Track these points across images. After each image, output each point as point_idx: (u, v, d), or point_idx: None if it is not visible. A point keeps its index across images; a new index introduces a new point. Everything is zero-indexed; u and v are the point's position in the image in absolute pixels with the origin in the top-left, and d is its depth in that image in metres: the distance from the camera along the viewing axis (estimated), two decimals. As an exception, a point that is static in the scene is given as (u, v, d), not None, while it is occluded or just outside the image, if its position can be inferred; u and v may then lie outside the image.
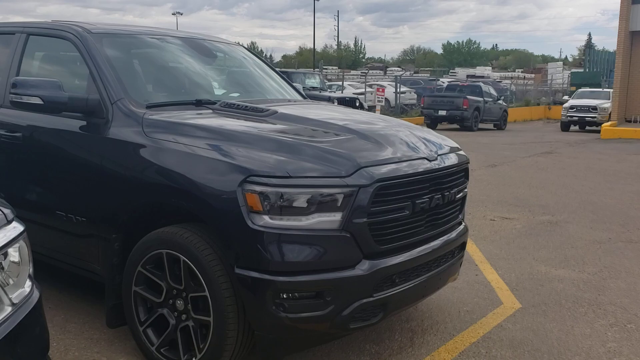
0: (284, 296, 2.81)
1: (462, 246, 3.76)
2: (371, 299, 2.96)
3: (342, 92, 23.69)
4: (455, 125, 22.83)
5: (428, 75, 51.19)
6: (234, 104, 3.54)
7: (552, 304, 4.40)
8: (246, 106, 3.51)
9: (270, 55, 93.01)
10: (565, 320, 4.11)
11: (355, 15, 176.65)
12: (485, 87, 24.73)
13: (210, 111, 3.55)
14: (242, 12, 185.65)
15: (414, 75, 49.30)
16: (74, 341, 3.57)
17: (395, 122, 3.72)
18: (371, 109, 20.18)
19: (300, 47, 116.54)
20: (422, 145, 3.36)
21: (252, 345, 3.01)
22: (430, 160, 3.27)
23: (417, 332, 3.84)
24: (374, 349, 3.56)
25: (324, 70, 44.82)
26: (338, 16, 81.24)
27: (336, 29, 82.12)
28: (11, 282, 1.85)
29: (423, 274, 3.28)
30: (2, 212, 1.86)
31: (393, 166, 3.05)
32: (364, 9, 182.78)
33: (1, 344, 1.71)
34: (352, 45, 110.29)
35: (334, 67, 66.48)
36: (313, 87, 16.93)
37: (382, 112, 26.06)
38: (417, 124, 3.91)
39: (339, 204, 2.84)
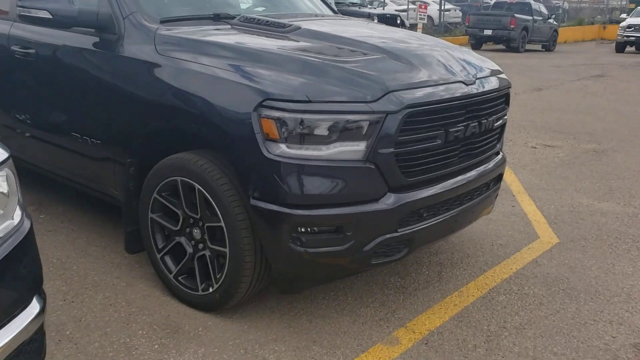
0: (302, 230, 2.64)
1: (499, 178, 3.50)
2: (396, 234, 2.77)
3: (383, 9, 22.77)
4: (500, 46, 21.81)
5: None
6: (254, 19, 3.26)
7: (592, 240, 4.15)
8: (267, 21, 3.23)
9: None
10: (605, 257, 3.88)
11: None
12: (535, 5, 23.34)
13: (229, 26, 3.28)
14: None
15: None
16: (94, 265, 3.52)
17: (432, 42, 3.40)
18: (413, 27, 19.34)
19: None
20: (459, 68, 3.05)
21: (269, 278, 2.89)
22: (467, 85, 2.97)
23: (446, 265, 3.66)
24: (399, 283, 3.41)
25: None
26: None
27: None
28: (-3, 213, 1.71)
29: (454, 207, 3.06)
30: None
31: (426, 90, 2.77)
32: None
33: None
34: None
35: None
36: (352, 3, 16.20)
37: (424, 31, 25.11)
38: (460, 44, 3.56)
39: (363, 132, 2.60)
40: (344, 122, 2.57)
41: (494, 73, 3.33)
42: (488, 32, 21.52)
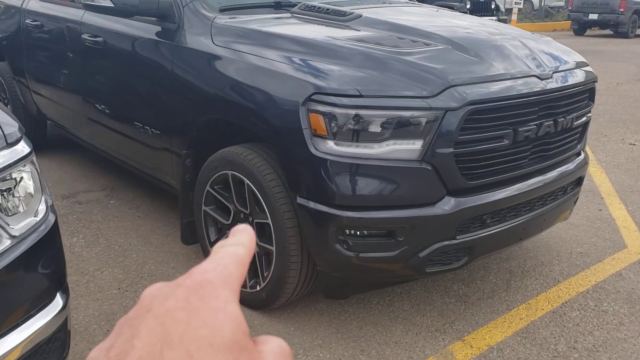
0: (350, 233, 2.48)
1: (579, 181, 3.17)
2: (454, 241, 2.55)
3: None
4: (607, 31, 20.36)
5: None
6: (315, 7, 3.11)
7: (690, 253, 3.70)
8: (327, 9, 3.07)
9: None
10: None
11: None
12: (649, -14, 21.60)
13: (289, 15, 3.15)
14: None
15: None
16: (154, 254, 3.53)
17: (507, 31, 3.10)
18: (509, 12, 18.41)
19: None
20: (535, 60, 2.76)
21: (317, 280, 2.76)
22: (542, 79, 2.68)
23: (516, 273, 3.38)
24: (461, 291, 3.18)
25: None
26: None
27: None
28: (19, 209, 1.68)
29: (523, 213, 2.79)
30: (2, 131, 1.66)
31: (492, 85, 2.52)
32: None
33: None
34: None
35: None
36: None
37: (522, 16, 23.89)
38: (562, 30, 3.22)
39: (420, 130, 2.40)
40: (398, 119, 2.38)
41: (577, 65, 3.00)
42: (593, 16, 20.12)
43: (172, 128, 3.21)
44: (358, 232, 2.49)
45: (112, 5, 3.13)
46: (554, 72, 2.76)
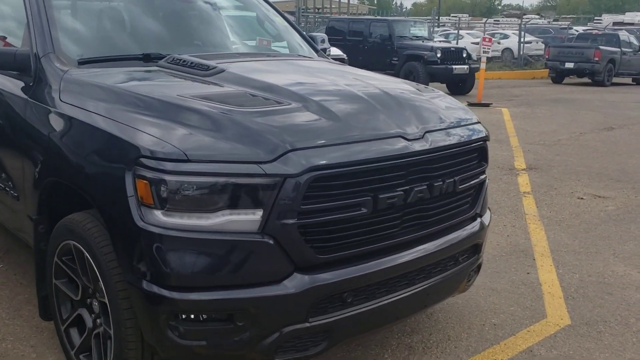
0: (182, 317, 2.15)
1: (475, 249, 2.87)
2: (306, 324, 2.22)
3: (457, 42, 22.07)
4: (585, 80, 20.43)
5: (568, 23, 46.58)
6: (181, 60, 2.86)
7: (614, 323, 3.37)
8: (192, 62, 2.81)
9: (401, 3, 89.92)
10: (625, 349, 3.11)
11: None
12: (624, 36, 21.79)
13: (156, 67, 2.90)
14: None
15: (553, 23, 45.06)
16: (18, 329, 3.18)
17: (386, 87, 2.80)
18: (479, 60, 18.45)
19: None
20: (404, 119, 2.50)
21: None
22: (408, 140, 2.40)
23: (416, 350, 3.04)
24: (346, 372, 2.83)
25: (454, 18, 42.39)
26: (472, -40, 75.92)
27: (469, -26, 76.90)
28: None
29: (399, 289, 2.48)
30: None
31: (342, 149, 2.24)
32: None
33: None
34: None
35: (465, 15, 62.86)
36: (416, 36, 15.61)
37: (502, 64, 24.07)
38: (540, 78, 2.93)
39: (256, 199, 2.11)
40: (231, 186, 2.09)
41: (463, 124, 2.74)
42: (570, 65, 20.23)
43: (26, 190, 2.91)
44: (192, 317, 2.17)
45: (-38, 58, 2.87)
46: (427, 132, 2.49)
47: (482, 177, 2.82)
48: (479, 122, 2.86)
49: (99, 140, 2.34)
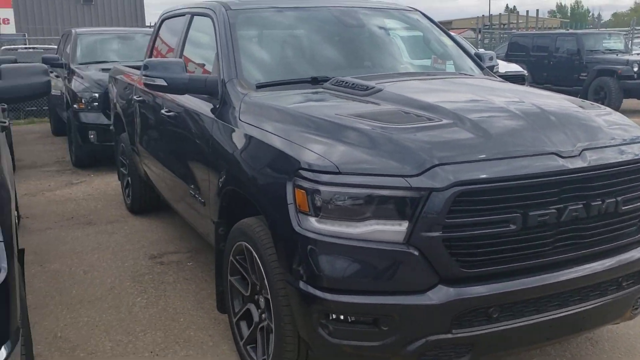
0: (332, 317, 2.34)
1: (640, 275, 2.68)
2: (449, 335, 2.28)
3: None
4: None
5: None
6: (344, 82, 3.09)
7: None
8: (353, 83, 3.03)
9: (599, 14, 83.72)
10: None
11: None
12: None
13: (322, 89, 3.16)
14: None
15: None
16: (199, 319, 3.62)
17: (545, 102, 2.76)
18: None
19: (635, 1, 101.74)
20: (559, 135, 2.45)
21: (312, 363, 2.62)
22: (563, 157, 2.36)
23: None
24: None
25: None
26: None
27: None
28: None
29: (550, 309, 2.43)
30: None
31: (490, 165, 2.27)
32: None
33: None
34: None
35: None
36: (610, 50, 14.49)
37: None
38: None
39: (401, 211, 2.23)
40: (378, 198, 2.24)
41: (628, 141, 2.60)
42: None
43: (210, 197, 3.33)
44: (341, 317, 2.34)
45: (165, 84, 3.38)
46: (585, 149, 2.42)
47: (650, 198, 2.64)
48: (647, 139, 2.69)
49: (269, 154, 2.64)
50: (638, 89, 13.41)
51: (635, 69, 13.30)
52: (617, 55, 14.30)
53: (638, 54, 15.44)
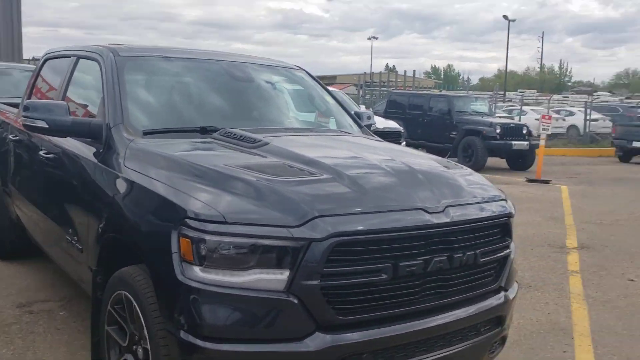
0: (213, 365, 2.37)
1: (498, 321, 2.96)
2: (325, 381, 2.39)
3: (519, 119, 22.09)
4: (656, 160, 19.91)
5: (638, 101, 45.63)
6: (232, 133, 3.19)
7: (648, 409, 3.33)
8: (241, 135, 3.15)
9: (468, 78, 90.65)
10: None
11: (565, 36, 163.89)
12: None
13: (210, 139, 3.24)
14: (442, 35, 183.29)
15: (625, 100, 44.24)
16: (70, 372, 3.47)
17: (416, 162, 3.04)
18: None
19: (499, 69, 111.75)
20: (427, 193, 2.70)
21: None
22: (429, 212, 2.60)
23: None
24: None
25: (521, 94, 42.47)
26: (543, 37, 76.11)
27: (540, 51, 77.10)
28: None
29: (418, 354, 2.61)
30: None
31: (364, 218, 2.46)
32: (575, 29, 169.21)
33: None
34: (556, 68, 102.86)
35: (533, 91, 62.72)
36: (476, 112, 15.84)
37: (567, 141, 23.81)
38: (607, 156, 3.08)
39: (284, 260, 2.34)
40: (262, 247, 2.34)
41: (487, 200, 2.91)
42: (638, 143, 19.82)
43: (89, 244, 3.26)
44: (222, 366, 2.38)
45: (47, 126, 3.30)
46: (449, 206, 2.68)
47: (507, 251, 2.95)
48: (504, 199, 3.02)
49: (154, 201, 2.66)
50: (500, 149, 14.70)
51: (498, 131, 14.58)
52: (482, 117, 15.62)
53: (500, 117, 16.96)
